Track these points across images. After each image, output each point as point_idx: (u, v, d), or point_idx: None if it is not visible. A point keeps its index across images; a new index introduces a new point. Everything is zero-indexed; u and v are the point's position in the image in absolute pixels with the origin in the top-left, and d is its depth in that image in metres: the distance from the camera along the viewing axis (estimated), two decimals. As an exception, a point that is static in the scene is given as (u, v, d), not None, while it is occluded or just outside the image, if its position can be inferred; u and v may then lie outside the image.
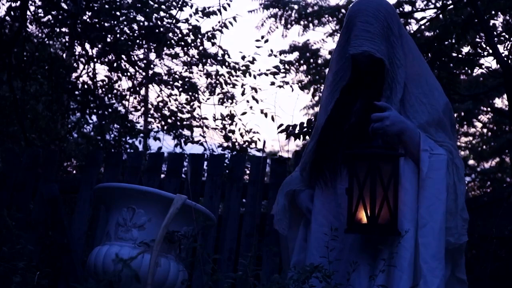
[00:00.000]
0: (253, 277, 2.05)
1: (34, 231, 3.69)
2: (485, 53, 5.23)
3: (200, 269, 2.16)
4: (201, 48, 6.50)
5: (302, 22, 8.08)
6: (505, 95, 7.30)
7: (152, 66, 6.65)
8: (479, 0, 4.73)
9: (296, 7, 8.06)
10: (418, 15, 6.70)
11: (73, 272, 3.57)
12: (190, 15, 6.32)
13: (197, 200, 3.61)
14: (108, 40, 6.30)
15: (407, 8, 6.52)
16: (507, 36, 5.11)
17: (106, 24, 6.24)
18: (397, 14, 2.39)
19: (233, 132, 6.39)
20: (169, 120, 6.77)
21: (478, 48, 5.19)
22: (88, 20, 6.26)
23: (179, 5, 6.33)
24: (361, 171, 2.15)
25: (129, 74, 6.60)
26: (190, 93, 6.65)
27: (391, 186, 2.15)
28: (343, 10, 7.17)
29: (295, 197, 2.49)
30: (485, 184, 11.11)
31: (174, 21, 6.35)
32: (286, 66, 6.71)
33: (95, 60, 6.48)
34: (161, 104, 6.78)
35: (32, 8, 6.13)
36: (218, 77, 6.56)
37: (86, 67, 6.53)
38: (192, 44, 6.47)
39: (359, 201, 2.14)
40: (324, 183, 2.36)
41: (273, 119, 6.02)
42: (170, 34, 6.39)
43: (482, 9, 4.74)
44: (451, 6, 5.19)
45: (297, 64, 8.73)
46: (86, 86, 6.51)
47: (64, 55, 6.86)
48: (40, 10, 6.26)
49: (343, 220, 2.22)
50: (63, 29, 6.58)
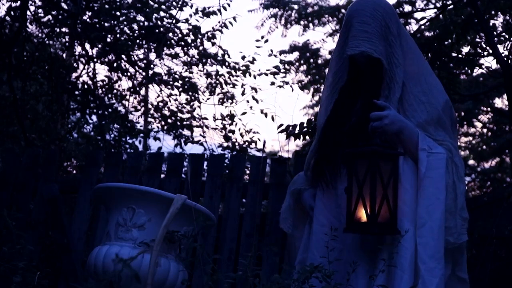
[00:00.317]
0: (253, 277, 2.05)
1: (34, 231, 3.68)
2: (485, 53, 5.22)
3: (200, 269, 2.16)
4: (201, 48, 6.50)
5: (302, 22, 8.09)
6: (505, 95, 7.30)
7: (152, 66, 6.65)
8: (479, 0, 4.73)
9: (296, 7, 8.07)
10: (418, 15, 6.72)
11: (73, 272, 3.56)
12: (190, 15, 6.34)
13: (197, 200, 3.61)
14: (108, 40, 6.30)
15: (407, 8, 6.52)
16: (507, 36, 5.10)
17: (106, 24, 6.24)
18: (395, 13, 2.37)
19: (233, 132, 6.39)
20: (169, 120, 6.78)
21: (478, 48, 5.19)
22: (88, 20, 6.26)
23: (179, 5, 6.34)
24: (360, 169, 2.14)
25: (129, 74, 6.60)
26: (190, 93, 6.65)
27: (391, 184, 2.14)
28: (343, 10, 7.18)
29: (300, 196, 2.49)
30: (485, 184, 11.10)
31: (174, 21, 6.35)
32: (286, 66, 6.71)
33: (95, 60, 6.48)
34: (161, 104, 6.78)
35: (32, 8, 6.14)
36: (218, 77, 6.56)
37: (86, 67, 6.53)
38: (192, 44, 6.48)
39: (358, 200, 2.13)
40: (325, 184, 2.36)
41: (273, 119, 6.02)
42: (170, 34, 6.39)
43: (482, 9, 4.73)
44: (451, 6, 5.19)
45: (297, 64, 8.74)
46: (86, 86, 6.51)
47: (64, 55, 6.86)
48: (40, 10, 6.27)
49: (343, 220, 2.21)
50: (63, 29, 6.59)
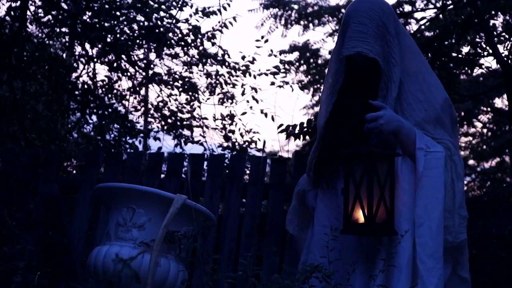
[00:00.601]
0: (253, 277, 2.05)
1: (34, 231, 3.68)
2: (485, 53, 5.22)
3: (200, 269, 2.16)
4: (201, 48, 6.50)
5: (302, 22, 8.09)
6: (505, 95, 7.30)
7: (152, 66, 6.65)
8: (479, 0, 4.73)
9: (296, 7, 8.07)
10: (418, 15, 6.71)
11: (73, 272, 3.56)
12: (190, 15, 6.34)
13: (197, 200, 3.61)
14: (108, 40, 6.30)
15: (407, 8, 6.52)
16: (507, 36, 5.10)
17: (106, 24, 6.24)
18: (393, 12, 2.36)
19: (233, 132, 6.38)
20: (169, 120, 6.77)
21: (478, 48, 5.18)
22: (88, 20, 6.26)
23: (179, 5, 6.34)
24: (357, 170, 2.13)
25: (129, 74, 6.60)
26: (190, 93, 6.65)
27: (388, 185, 2.13)
28: (343, 10, 7.18)
29: (304, 197, 2.49)
30: (485, 184, 11.10)
31: (174, 21, 6.35)
32: (286, 66, 6.70)
33: (95, 60, 6.48)
34: (161, 104, 6.78)
35: (32, 8, 6.14)
36: (218, 77, 6.56)
37: (86, 67, 6.53)
38: (192, 44, 6.47)
39: (355, 201, 2.12)
40: (325, 184, 2.36)
41: (273, 119, 6.02)
42: (170, 34, 6.39)
43: (482, 9, 4.73)
44: (451, 6, 5.19)
45: (297, 64, 8.74)
46: (86, 86, 6.51)
47: (64, 55, 6.86)
48: (40, 10, 6.26)
49: (342, 221, 2.22)
50: (63, 29, 6.59)
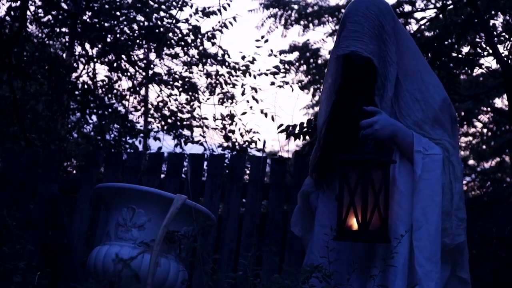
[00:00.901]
0: (253, 277, 2.05)
1: (34, 231, 3.69)
2: (485, 53, 5.22)
3: (200, 269, 2.15)
4: (201, 48, 6.50)
5: (302, 22, 8.10)
6: (505, 95, 7.30)
7: (152, 66, 6.65)
8: (479, 0, 4.73)
9: (296, 7, 8.07)
10: (418, 15, 6.72)
11: (73, 272, 3.56)
12: (190, 15, 6.34)
13: (197, 200, 3.61)
14: (108, 40, 6.30)
15: (407, 8, 6.52)
16: (507, 36, 5.10)
17: (106, 24, 6.24)
18: (392, 11, 2.35)
19: (233, 132, 6.39)
20: (169, 120, 6.78)
21: (478, 48, 5.18)
22: (88, 20, 6.26)
23: (179, 5, 6.34)
24: (352, 177, 2.11)
25: (129, 74, 6.60)
26: (190, 93, 6.65)
27: (382, 192, 2.12)
28: (342, 10, 7.17)
29: (308, 197, 2.49)
30: (485, 184, 11.10)
31: (174, 21, 6.35)
32: (286, 66, 6.70)
33: (95, 60, 6.48)
34: (161, 104, 6.78)
35: (32, 8, 6.14)
36: (218, 77, 6.56)
37: (86, 67, 6.53)
38: (192, 44, 6.48)
39: (349, 208, 2.10)
40: (325, 185, 2.36)
41: (273, 119, 6.02)
42: (170, 34, 6.39)
43: (482, 9, 4.73)
44: (451, 6, 5.19)
45: (297, 64, 8.74)
46: (86, 86, 6.51)
47: (64, 55, 6.86)
48: (40, 10, 6.27)
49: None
50: (63, 29, 6.59)
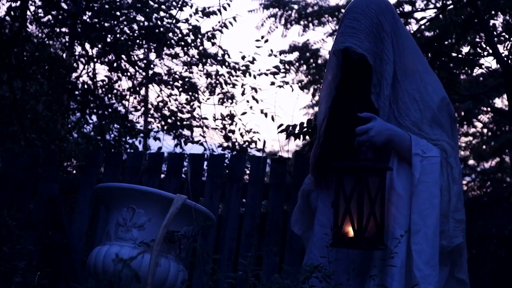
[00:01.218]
0: (253, 277, 2.05)
1: (34, 231, 3.69)
2: (485, 53, 5.22)
3: (200, 269, 2.15)
4: (201, 48, 6.50)
5: (302, 22, 8.10)
6: (505, 95, 7.30)
7: (152, 66, 6.65)
8: (479, 0, 4.72)
9: (296, 7, 8.08)
10: (418, 15, 6.71)
11: (73, 272, 3.57)
12: (190, 15, 6.34)
13: (197, 200, 3.62)
14: (108, 40, 6.30)
15: (407, 8, 6.52)
16: (507, 36, 5.10)
17: (106, 24, 6.24)
18: (393, 10, 2.34)
19: (233, 132, 6.38)
20: (169, 120, 6.78)
21: (478, 48, 5.18)
22: (88, 20, 6.26)
23: (179, 5, 6.34)
24: (348, 184, 2.10)
25: (129, 74, 6.60)
26: (190, 93, 6.65)
27: (378, 199, 2.11)
28: (342, 10, 7.17)
29: (308, 196, 2.48)
30: (485, 184, 11.10)
31: (174, 21, 6.35)
32: (286, 66, 6.70)
33: (95, 60, 6.48)
34: (161, 104, 6.78)
35: (32, 8, 6.14)
36: (218, 77, 6.56)
37: (86, 67, 6.53)
38: (192, 44, 6.48)
39: (345, 215, 2.10)
40: (325, 184, 2.35)
41: (273, 119, 6.02)
42: (170, 34, 6.39)
43: (482, 9, 4.73)
44: (451, 6, 5.19)
45: (297, 64, 8.74)
46: (86, 86, 6.51)
47: (64, 55, 6.86)
48: (40, 10, 6.26)
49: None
50: (63, 29, 6.59)
